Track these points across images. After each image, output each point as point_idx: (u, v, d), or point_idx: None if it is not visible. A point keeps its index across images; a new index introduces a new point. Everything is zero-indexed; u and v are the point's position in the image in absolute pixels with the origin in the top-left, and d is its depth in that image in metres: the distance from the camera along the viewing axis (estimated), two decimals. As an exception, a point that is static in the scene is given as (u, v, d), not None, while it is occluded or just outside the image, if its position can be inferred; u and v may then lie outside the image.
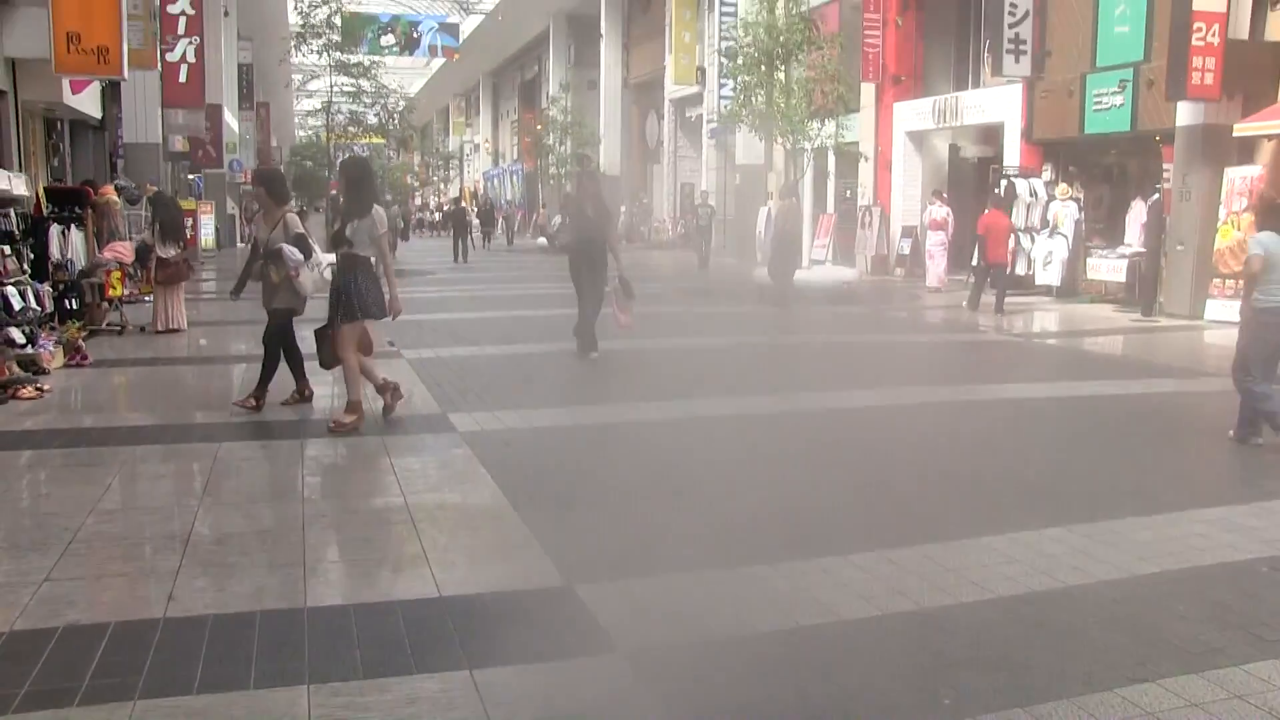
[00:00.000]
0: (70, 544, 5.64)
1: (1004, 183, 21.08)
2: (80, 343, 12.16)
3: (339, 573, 5.34)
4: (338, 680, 4.11)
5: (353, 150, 33.77)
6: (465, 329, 15.28)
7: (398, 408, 8.98)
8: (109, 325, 14.54)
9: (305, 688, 4.05)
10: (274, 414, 9.33)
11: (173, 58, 24.02)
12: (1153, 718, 3.86)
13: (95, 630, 4.54)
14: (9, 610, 4.74)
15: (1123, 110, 18.84)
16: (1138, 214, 18.85)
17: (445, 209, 48.81)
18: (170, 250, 14.30)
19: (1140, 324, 16.72)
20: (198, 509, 6.37)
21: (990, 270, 18.22)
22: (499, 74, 69.74)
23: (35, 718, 3.82)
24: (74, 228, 13.98)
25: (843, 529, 6.02)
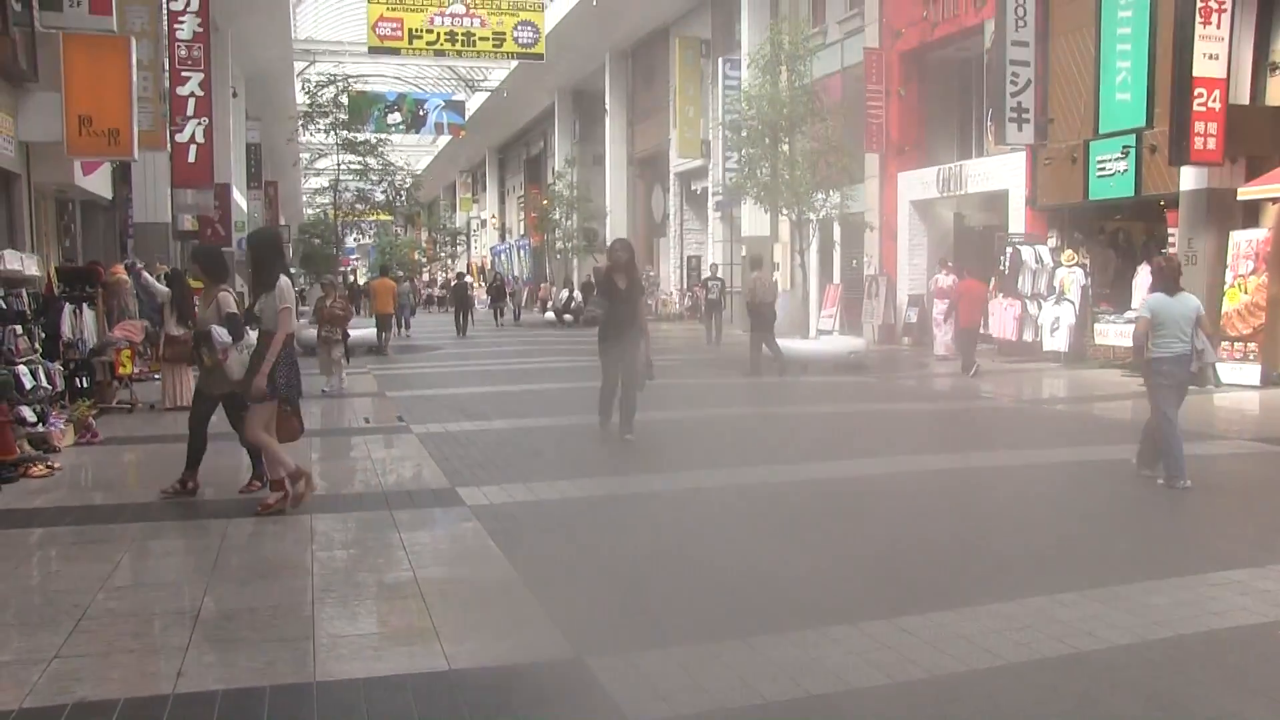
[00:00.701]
0: (80, 621, 5.63)
1: (1009, 250, 21.18)
2: (91, 421, 12.21)
3: (349, 647, 5.31)
4: (347, 755, 4.09)
5: (359, 227, 34.11)
6: (473, 403, 15.31)
7: (276, 509, 8.18)
8: (119, 403, 14.59)
9: (314, 763, 4.03)
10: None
11: (182, 138, 24.30)
12: (1170, 784, 3.82)
13: (105, 707, 4.51)
14: (18, 688, 4.72)
15: (1126, 176, 18.94)
16: (1145, 279, 18.88)
17: (451, 284, 49.06)
18: (179, 328, 14.38)
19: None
20: (207, 585, 6.35)
21: (964, 332, 18.95)
22: (505, 150, 70.45)
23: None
24: (85, 306, 14.09)
25: (853, 597, 5.99)
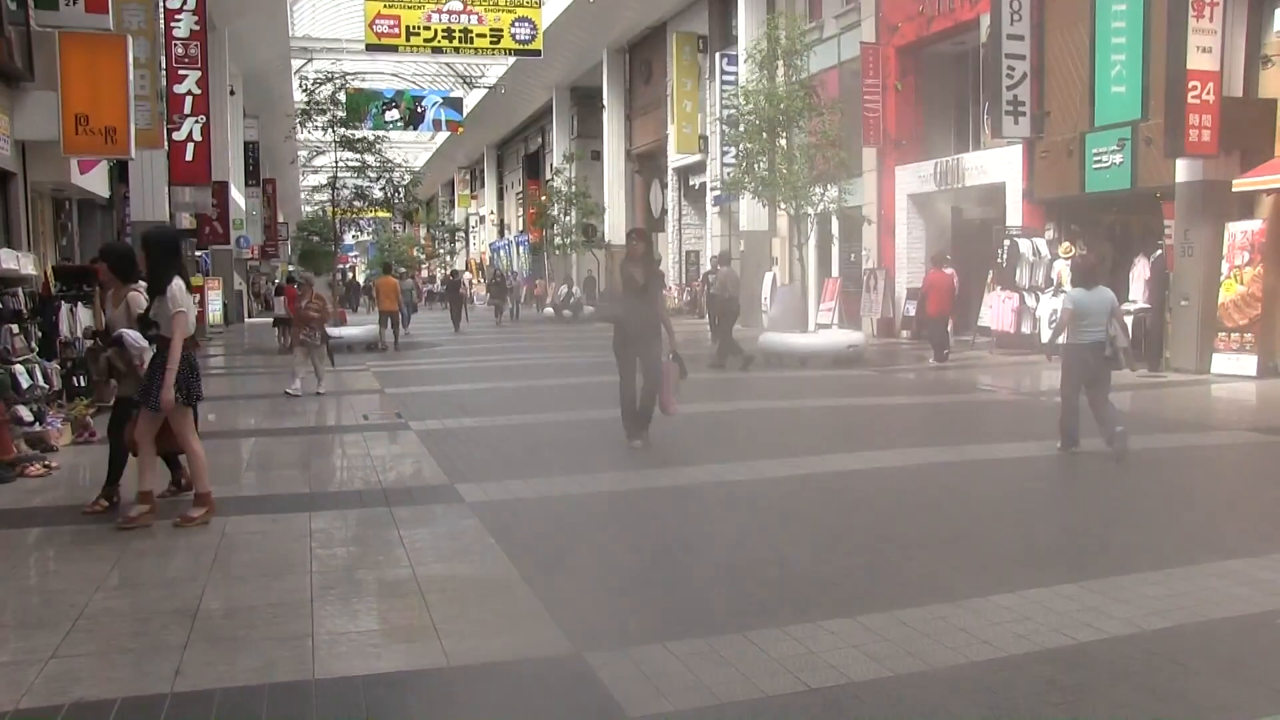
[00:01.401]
0: (77, 620, 5.63)
1: (1007, 243, 21.18)
2: (89, 420, 12.20)
3: (348, 645, 5.31)
4: (346, 752, 4.09)
5: (358, 224, 34.09)
6: (472, 400, 15.31)
7: (141, 523, 7.71)
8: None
9: (313, 761, 4.03)
10: (279, 487, 9.34)
11: (179, 136, 24.32)
12: (1169, 775, 3.82)
13: (102, 706, 4.51)
14: (15, 689, 4.71)
15: (1122, 168, 18.97)
16: (1141, 270, 18.92)
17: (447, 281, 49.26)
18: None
19: (1147, 379, 16.72)
20: (206, 583, 6.35)
21: (931, 322, 20.20)
22: (503, 146, 70.48)
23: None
24: (81, 305, 14.07)
25: (852, 590, 5.99)
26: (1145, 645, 5.07)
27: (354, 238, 53.78)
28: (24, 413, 11.07)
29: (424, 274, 68.61)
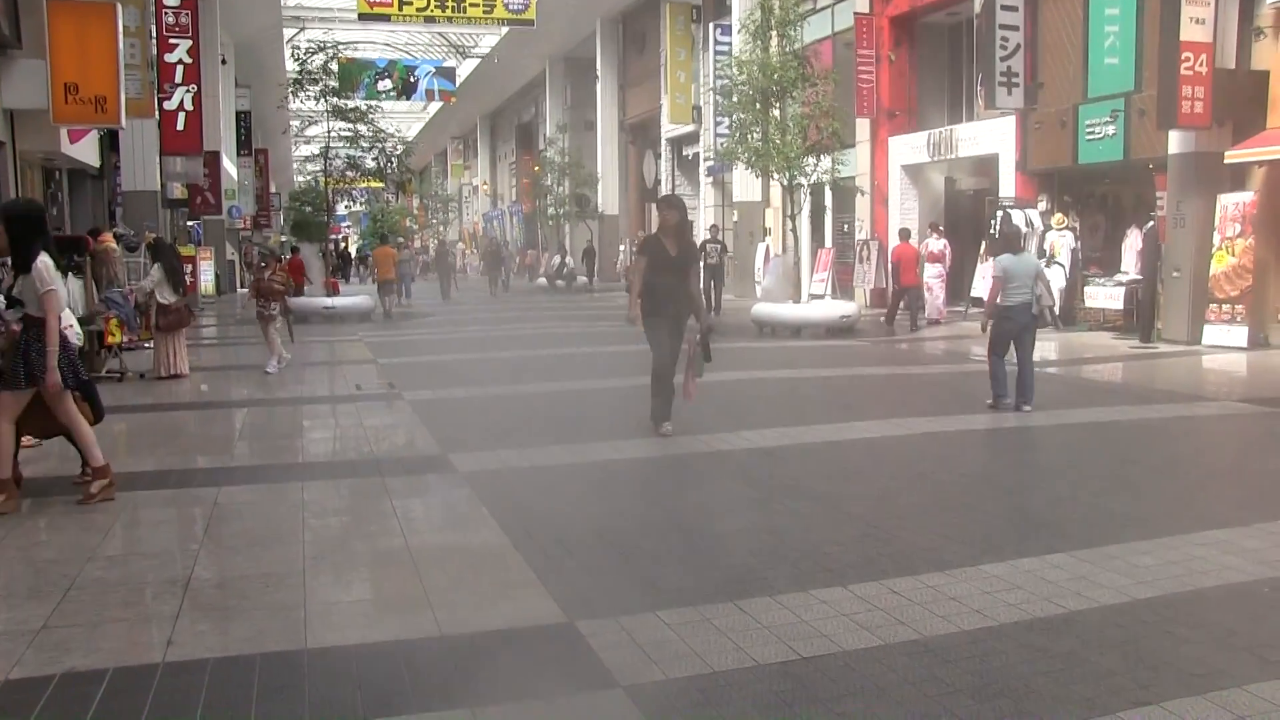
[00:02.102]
0: (69, 591, 5.63)
1: (1000, 214, 21.15)
2: (80, 391, 12.15)
3: (340, 614, 5.32)
4: (338, 721, 4.10)
5: (350, 195, 33.97)
6: (465, 370, 15.31)
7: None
8: (108, 372, 14.55)
9: (305, 729, 4.04)
10: (271, 457, 9.34)
11: (170, 106, 24.16)
12: (1157, 742, 3.84)
13: (93, 676, 4.52)
14: (6, 659, 4.71)
15: (1115, 140, 18.96)
16: (1134, 242, 18.93)
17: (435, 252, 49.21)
18: (171, 296, 14.35)
19: (1139, 350, 16.75)
20: (198, 553, 6.36)
21: (905, 293, 21.41)
22: (496, 116, 70.13)
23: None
24: (72, 276, 14.00)
25: (843, 560, 6.01)
26: (1135, 614, 5.10)
27: (346, 208, 53.54)
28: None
29: (416, 244, 68.34)
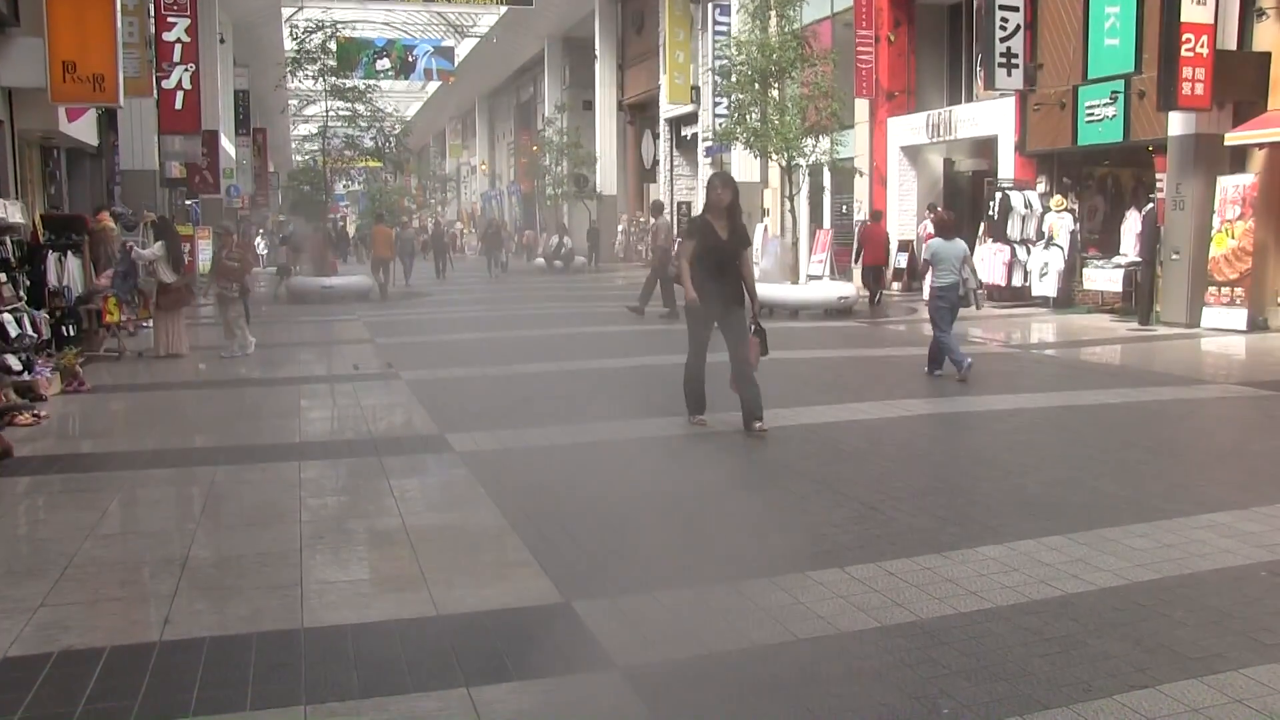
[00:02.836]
0: (66, 569, 5.63)
1: (999, 195, 21.13)
2: (78, 369, 12.17)
3: (337, 594, 5.32)
4: (335, 701, 4.10)
5: (348, 174, 33.89)
6: (463, 350, 15.29)
7: None
8: (107, 351, 14.55)
9: (302, 709, 4.04)
10: (269, 437, 9.34)
11: (169, 85, 24.03)
12: (1152, 724, 3.85)
13: (91, 655, 4.52)
14: (4, 637, 4.72)
15: (1115, 121, 18.92)
16: (1133, 224, 18.90)
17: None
18: (171, 276, 14.34)
19: (1138, 333, 16.74)
20: (195, 532, 6.36)
21: (868, 270, 22.35)
22: (495, 96, 69.91)
23: (31, 743, 3.81)
24: (71, 254, 14.00)
25: (840, 542, 6.01)
26: (1131, 597, 5.10)
27: (345, 188, 53.42)
28: (12, 362, 11.03)
29: (414, 224, 68.27)
